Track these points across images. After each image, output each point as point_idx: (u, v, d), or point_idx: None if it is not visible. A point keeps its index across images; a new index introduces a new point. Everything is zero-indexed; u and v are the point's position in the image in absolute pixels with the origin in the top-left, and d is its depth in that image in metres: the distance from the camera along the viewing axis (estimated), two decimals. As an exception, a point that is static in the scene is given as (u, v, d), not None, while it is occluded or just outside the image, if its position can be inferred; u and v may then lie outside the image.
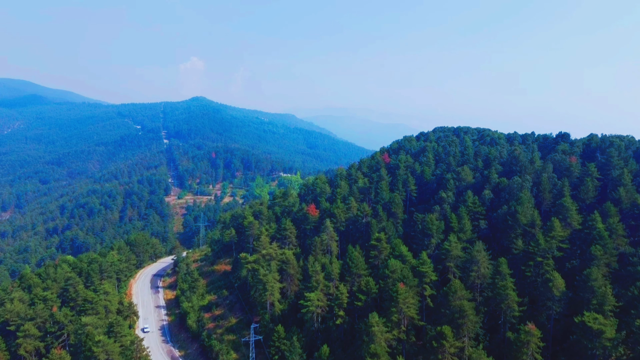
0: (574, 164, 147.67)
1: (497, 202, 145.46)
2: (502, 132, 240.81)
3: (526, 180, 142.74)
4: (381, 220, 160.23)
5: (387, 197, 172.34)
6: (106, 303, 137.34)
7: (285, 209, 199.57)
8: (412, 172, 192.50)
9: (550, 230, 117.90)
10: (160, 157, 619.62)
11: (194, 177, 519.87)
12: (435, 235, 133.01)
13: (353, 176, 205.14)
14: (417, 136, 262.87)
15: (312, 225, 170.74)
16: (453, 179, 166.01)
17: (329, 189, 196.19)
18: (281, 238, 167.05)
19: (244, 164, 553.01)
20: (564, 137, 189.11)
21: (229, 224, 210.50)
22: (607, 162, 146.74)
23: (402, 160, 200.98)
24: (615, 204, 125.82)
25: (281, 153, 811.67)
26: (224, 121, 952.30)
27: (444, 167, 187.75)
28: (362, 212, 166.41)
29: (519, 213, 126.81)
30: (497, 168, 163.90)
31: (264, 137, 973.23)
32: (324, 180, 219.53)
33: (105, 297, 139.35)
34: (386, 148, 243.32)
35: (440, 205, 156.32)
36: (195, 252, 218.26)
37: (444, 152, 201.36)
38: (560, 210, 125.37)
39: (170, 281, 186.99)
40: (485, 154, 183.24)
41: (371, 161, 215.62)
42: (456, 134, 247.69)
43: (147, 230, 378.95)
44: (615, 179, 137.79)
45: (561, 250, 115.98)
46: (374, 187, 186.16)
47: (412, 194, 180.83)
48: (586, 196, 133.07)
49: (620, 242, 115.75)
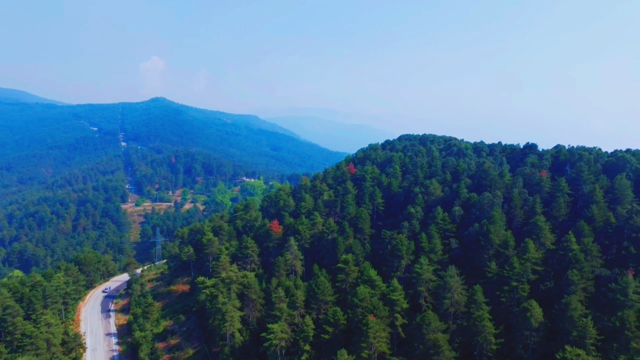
0: (544, 178, 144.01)
1: (467, 218, 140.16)
2: (469, 141, 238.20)
3: (497, 196, 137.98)
4: (348, 237, 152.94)
5: (354, 212, 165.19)
6: (48, 336, 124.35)
7: (247, 223, 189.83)
8: (379, 184, 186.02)
9: (524, 252, 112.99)
10: (117, 162, 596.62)
11: (153, 183, 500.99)
12: (405, 257, 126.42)
13: (318, 188, 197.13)
14: (382, 144, 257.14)
15: (275, 243, 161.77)
16: (421, 192, 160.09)
17: (293, 202, 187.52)
18: (242, 257, 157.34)
19: (205, 168, 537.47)
20: (531, 148, 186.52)
21: (187, 239, 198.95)
22: (577, 176, 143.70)
23: (369, 172, 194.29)
24: (588, 221, 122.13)
25: (244, 156, 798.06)
26: (184, 123, 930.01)
27: (411, 178, 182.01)
28: (327, 229, 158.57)
29: (491, 233, 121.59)
30: (466, 181, 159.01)
31: (227, 139, 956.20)
32: (288, 191, 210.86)
33: (47, 330, 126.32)
34: (351, 157, 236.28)
35: (409, 221, 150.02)
36: (151, 270, 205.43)
37: (410, 163, 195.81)
38: (533, 230, 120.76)
39: (123, 303, 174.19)
40: (453, 166, 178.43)
41: (336, 172, 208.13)
42: (422, 143, 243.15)
43: (102, 240, 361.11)
44: (587, 195, 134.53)
45: (536, 272, 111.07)
46: (339, 201, 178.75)
47: (379, 207, 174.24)
48: (558, 213, 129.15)
49: (596, 263, 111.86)
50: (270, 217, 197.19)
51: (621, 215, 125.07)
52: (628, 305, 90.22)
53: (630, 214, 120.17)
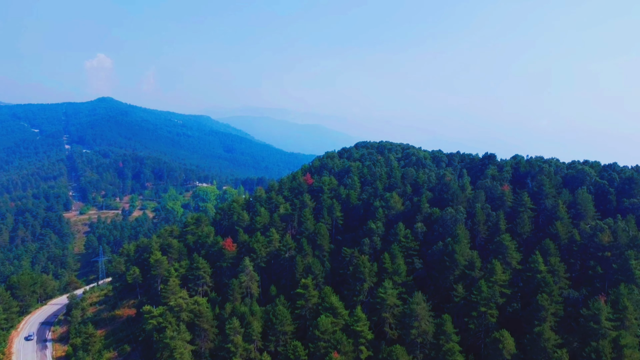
0: (506, 192, 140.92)
1: (430, 235, 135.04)
2: (427, 149, 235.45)
3: (460, 212, 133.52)
4: (306, 254, 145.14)
5: (312, 227, 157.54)
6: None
7: (198, 239, 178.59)
8: (337, 196, 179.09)
9: (491, 274, 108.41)
10: (60, 167, 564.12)
11: (99, 190, 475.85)
12: (367, 279, 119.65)
13: (274, 200, 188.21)
14: (339, 152, 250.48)
15: (229, 263, 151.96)
16: (382, 207, 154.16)
17: (247, 217, 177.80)
18: (193, 279, 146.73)
19: (155, 173, 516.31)
20: (490, 159, 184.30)
21: (134, 257, 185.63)
22: (539, 190, 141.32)
23: (326, 183, 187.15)
24: (552, 239, 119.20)
25: (196, 158, 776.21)
26: (133, 124, 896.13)
27: (370, 190, 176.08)
28: (285, 246, 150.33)
29: (456, 253, 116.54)
30: (427, 195, 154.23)
31: (178, 141, 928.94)
32: (242, 203, 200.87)
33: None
34: (308, 165, 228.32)
35: (369, 238, 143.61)
36: (94, 292, 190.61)
37: (369, 174, 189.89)
38: (499, 249, 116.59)
39: (61, 331, 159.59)
40: (413, 177, 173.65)
41: (292, 183, 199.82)
42: (380, 152, 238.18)
43: (43, 253, 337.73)
44: (550, 210, 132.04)
45: (503, 295, 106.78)
46: (296, 214, 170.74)
47: (338, 221, 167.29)
48: (523, 230, 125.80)
49: (563, 284, 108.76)
50: (224, 232, 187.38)
51: (585, 231, 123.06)
52: (601, 334, 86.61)
53: (594, 230, 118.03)
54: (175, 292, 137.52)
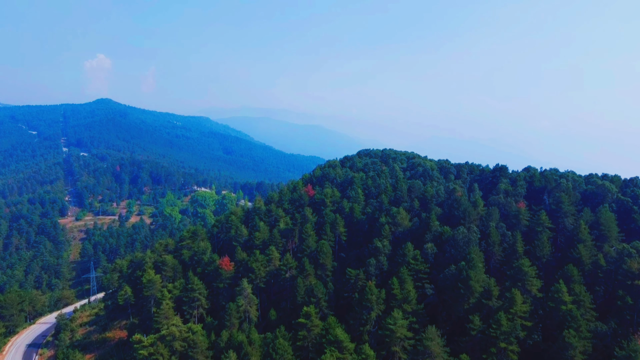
0: (522, 210, 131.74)
1: (441, 257, 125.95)
2: (432, 159, 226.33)
3: (473, 232, 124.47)
4: (308, 275, 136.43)
5: (314, 245, 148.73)
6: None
7: (194, 254, 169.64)
8: (340, 209, 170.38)
9: (511, 304, 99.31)
10: (56, 170, 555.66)
11: (96, 194, 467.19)
12: (375, 308, 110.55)
13: (273, 213, 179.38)
14: (341, 160, 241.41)
15: (226, 283, 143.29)
16: (388, 223, 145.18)
17: (246, 232, 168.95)
18: (188, 301, 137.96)
19: (153, 177, 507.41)
20: (502, 171, 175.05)
21: (126, 273, 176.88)
22: (557, 207, 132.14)
23: (328, 195, 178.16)
24: (575, 263, 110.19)
25: (195, 160, 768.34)
26: (132, 126, 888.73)
27: (375, 204, 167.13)
28: (285, 265, 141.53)
29: (471, 279, 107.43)
30: (437, 211, 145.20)
31: (177, 143, 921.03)
32: (240, 215, 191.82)
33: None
34: (309, 175, 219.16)
35: (375, 258, 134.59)
36: (85, 310, 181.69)
37: (373, 185, 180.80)
38: (517, 275, 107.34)
39: (49, 355, 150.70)
40: (420, 191, 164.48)
41: (293, 194, 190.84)
42: (384, 161, 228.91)
43: (37, 262, 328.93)
44: (571, 231, 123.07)
45: (524, 328, 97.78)
46: (297, 230, 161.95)
47: (341, 237, 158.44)
48: (542, 253, 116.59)
49: (589, 316, 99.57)
50: (221, 246, 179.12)
51: (609, 254, 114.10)
52: (639, 381, 77.72)
53: (621, 255, 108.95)
54: (169, 317, 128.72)
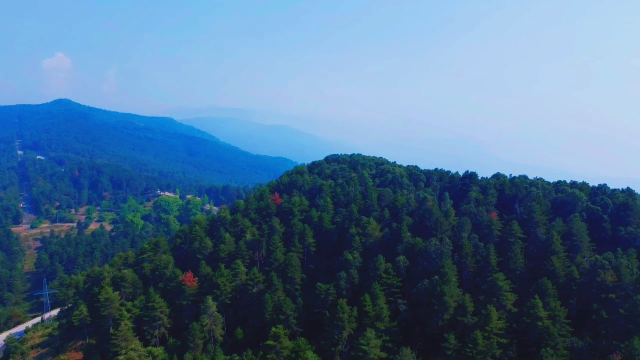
0: (494, 221, 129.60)
1: (414, 270, 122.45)
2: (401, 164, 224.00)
3: (445, 244, 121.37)
4: (276, 290, 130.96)
5: (282, 257, 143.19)
6: None
7: (156, 267, 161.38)
8: (308, 219, 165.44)
9: (486, 321, 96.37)
10: (10, 175, 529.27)
11: (52, 201, 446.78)
12: (347, 327, 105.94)
13: (239, 224, 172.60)
14: (309, 167, 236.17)
15: (189, 300, 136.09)
16: (358, 234, 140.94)
17: (210, 243, 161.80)
18: (149, 320, 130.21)
19: (114, 182, 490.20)
20: (471, 178, 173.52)
21: (82, 289, 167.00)
22: (528, 217, 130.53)
23: (296, 204, 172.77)
24: (548, 276, 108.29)
25: (159, 163, 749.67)
26: (92, 128, 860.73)
27: (344, 213, 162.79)
28: (252, 280, 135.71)
29: (445, 295, 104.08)
30: (408, 221, 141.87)
31: (140, 145, 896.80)
32: (204, 225, 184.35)
33: None
34: (275, 182, 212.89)
35: (346, 271, 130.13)
36: (38, 330, 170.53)
37: (342, 194, 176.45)
38: (492, 290, 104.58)
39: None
40: (390, 199, 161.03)
41: (260, 203, 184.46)
42: (352, 167, 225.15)
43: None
44: (543, 242, 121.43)
45: (500, 346, 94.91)
46: (265, 241, 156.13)
47: (310, 248, 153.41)
48: (515, 265, 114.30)
49: (564, 331, 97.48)
50: (184, 258, 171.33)
51: (582, 265, 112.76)
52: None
53: (594, 267, 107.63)
54: (128, 339, 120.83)
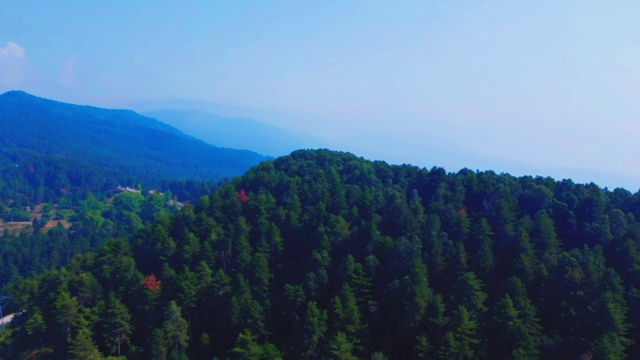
0: (463, 218, 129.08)
1: (384, 270, 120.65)
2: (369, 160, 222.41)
3: (415, 243, 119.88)
4: (243, 292, 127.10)
5: (249, 258, 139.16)
6: None
7: (116, 270, 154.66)
8: (275, 217, 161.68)
9: (457, 322, 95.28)
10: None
11: (6, 198, 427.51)
12: (317, 331, 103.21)
13: (204, 223, 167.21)
14: (275, 162, 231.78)
15: (152, 305, 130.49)
16: (327, 232, 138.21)
17: (174, 244, 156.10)
18: (109, 327, 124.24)
19: (72, 178, 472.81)
20: (439, 174, 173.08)
21: (37, 294, 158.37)
22: (497, 214, 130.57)
23: (263, 202, 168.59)
24: (518, 274, 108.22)
25: (120, 158, 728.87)
26: (48, 121, 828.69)
27: (312, 211, 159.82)
28: (218, 282, 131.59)
29: (417, 295, 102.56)
30: (377, 218, 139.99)
31: (99, 139, 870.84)
32: (167, 224, 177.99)
33: None
34: (241, 179, 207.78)
35: (315, 271, 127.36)
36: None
37: (310, 191, 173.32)
38: (462, 289, 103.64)
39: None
40: (359, 196, 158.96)
41: (225, 201, 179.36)
42: (320, 163, 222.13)
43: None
44: (511, 239, 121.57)
45: (472, 346, 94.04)
46: (231, 241, 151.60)
47: (277, 247, 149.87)
48: (485, 263, 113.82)
49: (535, 329, 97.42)
50: (146, 260, 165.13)
51: (550, 262, 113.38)
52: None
53: (562, 264, 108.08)
54: (86, 348, 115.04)
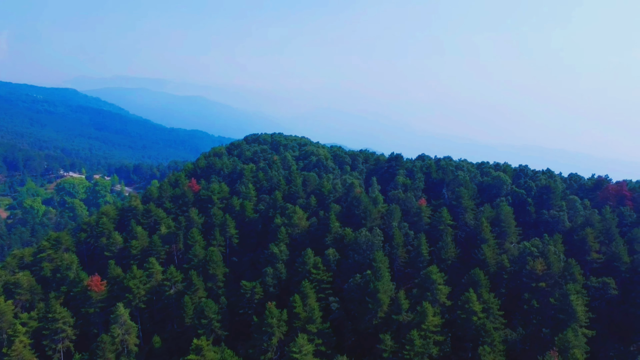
0: (423, 207, 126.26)
1: (344, 263, 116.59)
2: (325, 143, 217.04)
3: (376, 235, 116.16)
4: (196, 289, 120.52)
5: (202, 253, 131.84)
6: None
7: (57, 267, 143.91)
8: (229, 207, 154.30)
9: (422, 319, 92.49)
10: None
11: None
12: (276, 332, 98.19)
13: (153, 214, 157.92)
14: (228, 148, 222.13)
15: (97, 307, 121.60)
16: (284, 224, 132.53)
17: (120, 239, 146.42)
18: (50, 334, 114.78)
19: (8, 162, 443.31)
20: (397, 160, 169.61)
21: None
22: (457, 203, 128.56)
23: (216, 191, 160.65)
24: (480, 265, 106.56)
25: (62, 140, 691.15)
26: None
27: (268, 200, 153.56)
28: (169, 279, 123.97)
29: (379, 292, 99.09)
30: (335, 209, 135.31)
31: (38, 119, 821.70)
32: (113, 215, 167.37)
33: None
34: (192, 165, 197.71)
35: (272, 266, 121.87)
36: None
37: (265, 179, 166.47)
38: (425, 284, 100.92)
39: None
40: (316, 185, 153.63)
41: (175, 190, 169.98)
42: (274, 148, 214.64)
43: None
44: (472, 228, 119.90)
45: (437, 343, 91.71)
46: (182, 234, 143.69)
47: (232, 239, 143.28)
48: (447, 255, 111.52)
49: (498, 323, 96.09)
50: (90, 255, 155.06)
51: (510, 252, 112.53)
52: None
53: (522, 254, 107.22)
54: (24, 359, 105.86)
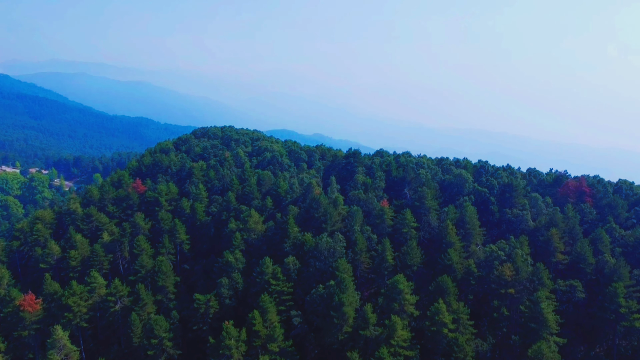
0: (386, 209, 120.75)
1: (305, 272, 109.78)
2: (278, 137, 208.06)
3: (338, 240, 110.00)
4: (145, 304, 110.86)
5: (150, 263, 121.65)
6: None
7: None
8: (179, 209, 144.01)
9: (391, 334, 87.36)
10: None
11: None
12: (235, 354, 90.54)
13: (94, 220, 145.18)
14: (175, 143, 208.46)
15: (32, 330, 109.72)
16: (239, 229, 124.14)
17: (58, 249, 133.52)
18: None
19: None
20: (355, 157, 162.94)
21: None
22: (420, 203, 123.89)
23: (163, 193, 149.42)
24: (447, 271, 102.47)
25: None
26: None
27: (221, 202, 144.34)
28: (114, 294, 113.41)
29: (345, 305, 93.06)
30: (294, 211, 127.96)
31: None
32: (50, 220, 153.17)
33: None
34: (136, 164, 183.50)
35: (228, 276, 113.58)
36: None
37: (217, 178, 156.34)
38: (392, 294, 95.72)
39: None
40: (271, 184, 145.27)
41: (118, 191, 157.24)
42: (225, 143, 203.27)
43: None
44: (437, 230, 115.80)
45: (407, 359, 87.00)
46: (127, 242, 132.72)
47: (183, 245, 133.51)
48: (412, 261, 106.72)
49: (468, 334, 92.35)
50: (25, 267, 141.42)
51: (476, 254, 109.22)
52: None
53: (489, 258, 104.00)
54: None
